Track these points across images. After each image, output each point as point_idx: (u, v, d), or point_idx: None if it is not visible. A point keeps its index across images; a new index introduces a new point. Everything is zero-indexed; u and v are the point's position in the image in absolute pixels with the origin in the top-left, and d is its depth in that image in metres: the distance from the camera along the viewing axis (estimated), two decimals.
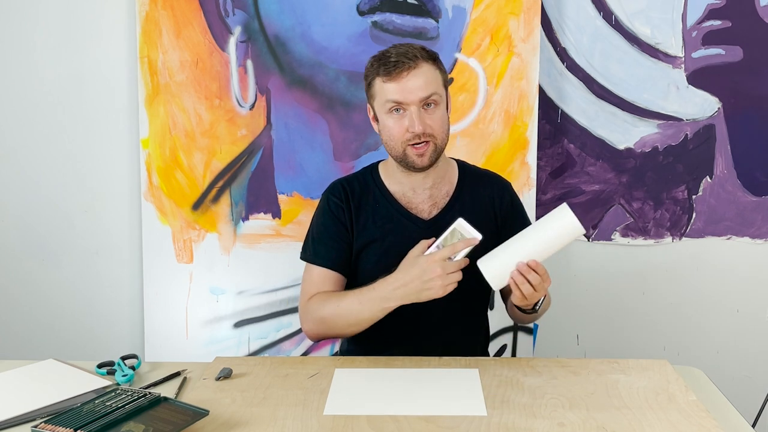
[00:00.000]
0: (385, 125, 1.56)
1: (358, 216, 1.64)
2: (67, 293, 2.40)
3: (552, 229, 1.39)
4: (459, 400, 1.30)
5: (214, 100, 2.26)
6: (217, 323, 2.32)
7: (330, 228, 1.64)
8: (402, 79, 1.51)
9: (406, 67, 1.50)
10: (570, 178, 2.34)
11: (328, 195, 1.67)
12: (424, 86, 1.51)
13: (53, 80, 2.32)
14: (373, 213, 1.64)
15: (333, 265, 1.62)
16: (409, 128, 1.52)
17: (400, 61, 1.50)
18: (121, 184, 2.35)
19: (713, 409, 1.29)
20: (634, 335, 2.39)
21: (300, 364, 1.47)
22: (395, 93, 1.51)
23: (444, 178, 1.66)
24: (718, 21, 2.27)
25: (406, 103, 1.51)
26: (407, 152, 1.54)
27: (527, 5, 2.20)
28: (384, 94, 1.53)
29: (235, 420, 1.23)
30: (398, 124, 1.53)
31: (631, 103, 2.30)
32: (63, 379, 1.39)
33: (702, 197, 2.33)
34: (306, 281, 1.64)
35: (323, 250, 1.63)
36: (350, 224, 1.64)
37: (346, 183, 1.68)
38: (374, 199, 1.65)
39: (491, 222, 1.66)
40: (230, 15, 2.24)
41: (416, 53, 1.52)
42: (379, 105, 1.56)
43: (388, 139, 1.56)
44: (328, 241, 1.63)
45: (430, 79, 1.52)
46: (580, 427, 1.20)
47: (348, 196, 1.65)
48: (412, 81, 1.51)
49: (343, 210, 1.64)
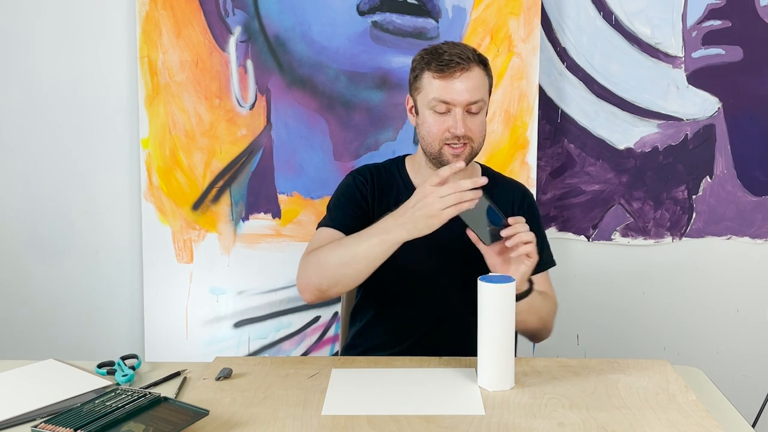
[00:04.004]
0: (426, 120, 1.55)
1: (380, 202, 1.64)
2: (67, 293, 2.41)
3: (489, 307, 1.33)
4: (459, 400, 1.30)
5: (214, 100, 2.26)
6: (217, 323, 2.32)
7: (350, 198, 1.63)
8: (453, 79, 1.50)
9: (459, 68, 1.50)
10: (570, 178, 2.34)
11: (355, 174, 1.68)
12: (473, 90, 1.51)
13: (53, 80, 2.32)
14: (395, 203, 1.62)
15: (344, 228, 1.58)
16: (450, 128, 1.52)
17: (454, 60, 1.50)
18: (121, 184, 2.35)
19: (713, 409, 1.29)
20: (634, 335, 2.39)
21: (300, 364, 1.47)
22: (444, 92, 1.51)
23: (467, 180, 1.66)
24: (718, 21, 2.27)
25: (453, 103, 1.51)
26: (443, 151, 1.54)
27: (527, 5, 2.20)
28: (431, 90, 1.52)
29: (235, 420, 1.22)
30: (439, 122, 1.53)
31: (631, 103, 2.30)
32: (63, 379, 1.39)
33: (702, 197, 2.33)
34: (311, 241, 1.60)
35: (339, 215, 1.61)
36: (372, 204, 1.64)
37: (374, 168, 1.69)
38: (397, 189, 1.65)
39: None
40: (230, 15, 2.24)
41: (470, 55, 1.52)
42: (423, 99, 1.55)
43: (427, 134, 1.55)
44: (345, 208, 1.62)
45: (479, 85, 1.53)
46: (580, 427, 1.20)
47: (374, 180, 1.66)
48: (463, 83, 1.50)
49: (367, 188, 1.64)
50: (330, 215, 1.64)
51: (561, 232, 2.36)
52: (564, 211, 2.34)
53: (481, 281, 1.33)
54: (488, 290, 1.32)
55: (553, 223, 2.35)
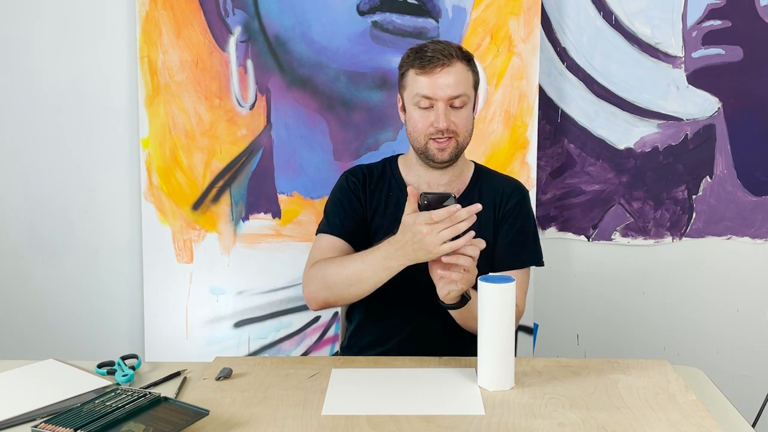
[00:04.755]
0: (411, 117, 1.59)
1: (371, 201, 1.68)
2: (67, 293, 2.41)
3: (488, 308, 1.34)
4: (459, 400, 1.30)
5: (214, 100, 2.26)
6: (217, 323, 2.32)
7: (345, 202, 1.67)
8: (435, 74, 1.54)
9: (440, 64, 1.54)
10: (570, 178, 2.34)
11: (347, 175, 1.72)
12: (454, 85, 1.54)
13: (53, 80, 2.32)
14: (386, 201, 1.67)
15: (344, 234, 1.63)
16: (434, 123, 1.55)
17: (436, 57, 1.54)
18: (121, 184, 2.35)
19: (713, 409, 1.29)
20: (634, 335, 2.39)
21: (300, 364, 1.47)
22: (426, 87, 1.55)
23: (459, 177, 1.68)
24: (718, 21, 2.27)
25: (435, 98, 1.55)
26: (429, 145, 1.58)
27: (527, 5, 2.20)
28: (415, 86, 1.57)
29: (235, 420, 1.22)
30: (424, 118, 1.57)
31: (631, 103, 2.30)
32: (63, 379, 1.39)
33: (702, 197, 2.33)
34: (314, 249, 1.65)
35: (337, 221, 1.65)
36: (365, 204, 1.67)
37: (366, 168, 1.73)
38: (388, 187, 1.69)
39: (491, 220, 1.66)
40: (230, 15, 2.24)
41: (452, 51, 1.56)
42: (409, 96, 1.59)
43: (413, 130, 1.60)
44: (341, 212, 1.66)
45: (462, 79, 1.56)
46: (580, 427, 1.20)
47: (366, 180, 1.69)
48: (444, 78, 1.54)
49: (359, 189, 1.68)
50: (328, 221, 1.67)
51: (561, 232, 2.36)
52: (564, 211, 2.34)
53: (481, 281, 1.33)
54: (488, 290, 1.32)
55: (553, 223, 2.35)
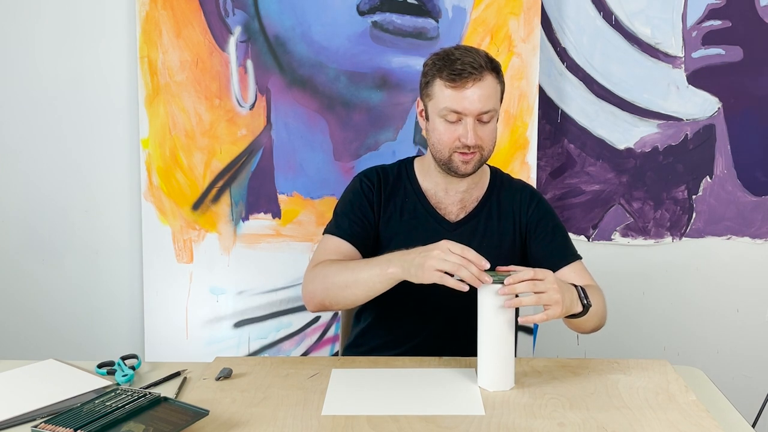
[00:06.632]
0: (436, 128, 1.54)
1: (387, 205, 1.64)
2: (67, 293, 2.40)
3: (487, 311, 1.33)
4: (459, 400, 1.30)
5: (214, 100, 2.26)
6: (217, 323, 2.32)
7: (356, 205, 1.63)
8: (465, 89, 1.49)
9: (471, 78, 1.48)
10: (570, 178, 2.34)
11: (362, 177, 1.67)
12: (485, 100, 1.50)
13: (53, 80, 2.32)
14: (401, 206, 1.64)
15: (351, 238, 1.59)
16: (461, 138, 1.51)
17: (467, 70, 1.48)
18: (121, 184, 2.35)
19: (713, 409, 1.29)
20: (634, 335, 2.39)
21: (300, 364, 1.47)
22: (455, 102, 1.49)
23: (478, 184, 1.66)
24: (718, 21, 2.27)
25: (464, 113, 1.50)
26: (453, 158, 1.54)
27: (527, 5, 2.20)
28: (443, 99, 1.51)
29: (235, 420, 1.22)
30: (450, 131, 1.52)
31: (631, 103, 2.30)
32: (63, 379, 1.39)
33: (702, 197, 2.33)
34: (318, 249, 1.60)
35: (346, 224, 1.61)
36: (378, 210, 1.63)
37: (381, 170, 1.68)
38: (404, 192, 1.65)
39: (513, 231, 1.65)
40: (230, 15, 2.24)
41: (482, 62, 1.50)
42: (434, 107, 1.54)
43: (437, 142, 1.55)
44: (352, 215, 1.62)
45: (491, 94, 1.51)
46: (580, 427, 1.20)
47: (381, 183, 1.65)
48: (475, 93, 1.49)
49: (373, 193, 1.64)
50: (336, 222, 1.63)
51: None
52: (564, 211, 2.34)
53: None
54: (488, 290, 1.32)
55: None
